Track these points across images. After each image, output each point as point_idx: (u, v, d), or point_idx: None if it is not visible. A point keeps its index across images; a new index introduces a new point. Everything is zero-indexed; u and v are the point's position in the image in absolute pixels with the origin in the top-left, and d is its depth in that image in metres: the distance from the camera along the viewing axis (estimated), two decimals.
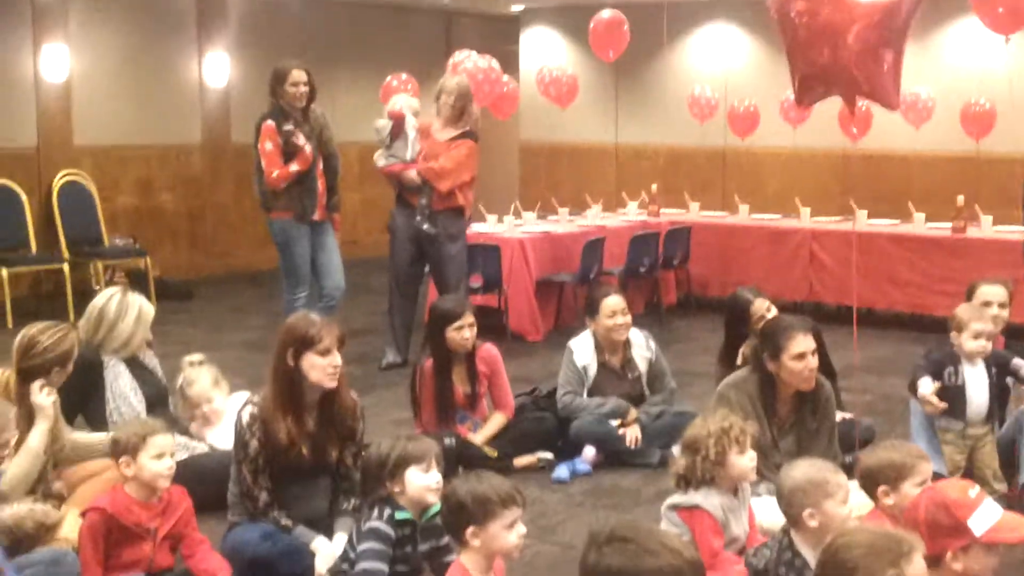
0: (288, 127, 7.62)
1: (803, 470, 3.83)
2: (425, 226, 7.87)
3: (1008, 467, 5.30)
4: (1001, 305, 5.60)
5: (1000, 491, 5.14)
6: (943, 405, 5.18)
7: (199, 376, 5.58)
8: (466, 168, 7.97)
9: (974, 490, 3.23)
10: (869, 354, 8.58)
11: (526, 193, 12.23)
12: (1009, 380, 5.43)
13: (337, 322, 4.70)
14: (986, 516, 3.14)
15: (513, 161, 14.25)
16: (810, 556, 3.61)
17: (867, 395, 7.42)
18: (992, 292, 5.67)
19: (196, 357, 5.71)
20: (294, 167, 7.63)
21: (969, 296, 5.68)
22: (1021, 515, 3.36)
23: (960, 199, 9.52)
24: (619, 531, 2.61)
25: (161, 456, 4.13)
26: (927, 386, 5.21)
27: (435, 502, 3.97)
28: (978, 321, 5.21)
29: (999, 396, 5.31)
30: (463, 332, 5.80)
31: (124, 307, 5.30)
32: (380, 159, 8.08)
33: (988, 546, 3.15)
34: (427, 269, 8.20)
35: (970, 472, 5.20)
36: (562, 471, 5.79)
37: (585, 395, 6.11)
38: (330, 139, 7.96)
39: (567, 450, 5.97)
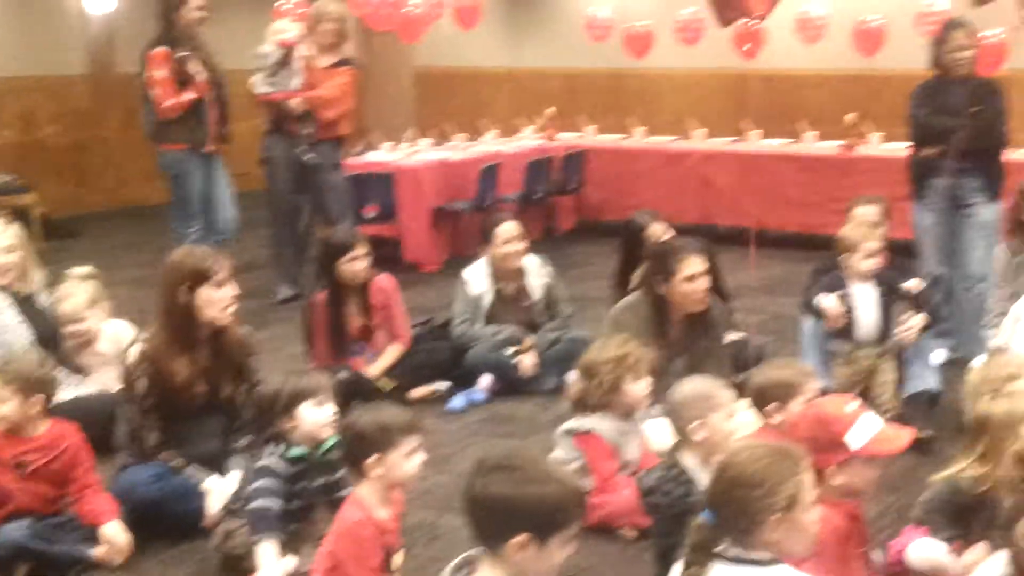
0: (183, 53, 7.38)
1: (691, 385, 3.92)
2: (308, 156, 7.73)
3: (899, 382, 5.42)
4: (875, 224, 5.66)
5: (895, 409, 5.25)
6: (842, 312, 5.27)
7: (74, 292, 5.31)
8: (349, 96, 7.85)
9: (851, 405, 3.29)
10: (763, 274, 8.71)
11: (421, 120, 12.08)
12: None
13: (228, 255, 4.62)
14: (864, 430, 3.20)
15: (407, 87, 14.04)
16: (697, 472, 3.66)
17: (760, 315, 7.53)
18: (866, 212, 5.74)
19: (84, 270, 5.50)
20: (188, 96, 7.41)
21: (849, 217, 5.76)
22: (906, 428, 3.43)
23: (849, 117, 9.64)
24: (504, 460, 2.62)
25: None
26: (830, 300, 5.29)
27: (329, 436, 3.94)
28: (868, 240, 5.29)
29: (887, 315, 5.39)
30: (355, 264, 5.73)
31: None
32: (261, 86, 7.81)
33: (867, 459, 3.21)
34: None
35: (868, 391, 5.31)
36: (458, 401, 5.79)
37: (481, 324, 6.10)
38: (217, 66, 7.75)
39: (463, 379, 5.97)
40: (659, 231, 5.97)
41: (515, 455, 2.65)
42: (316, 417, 3.94)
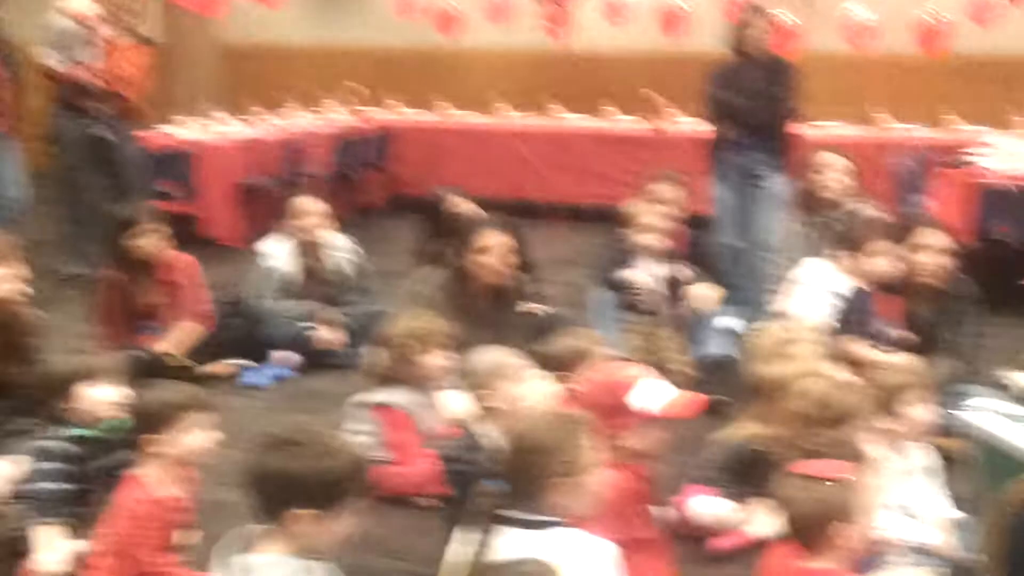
0: None
1: (484, 356, 3.96)
2: (106, 133, 7.47)
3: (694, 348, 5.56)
4: (668, 200, 5.78)
5: (688, 374, 5.40)
6: (648, 285, 5.38)
7: None
8: (145, 73, 7.62)
9: (635, 370, 3.37)
10: (571, 247, 8.82)
11: (227, 96, 11.81)
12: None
13: (14, 234, 4.43)
14: (650, 394, 3.27)
15: (213, 63, 13.70)
16: (491, 440, 3.69)
17: (568, 287, 7.61)
18: (657, 188, 5.88)
19: None
20: None
21: (648, 191, 5.88)
22: (692, 392, 3.52)
23: (654, 96, 9.85)
24: (287, 435, 2.60)
25: None
26: (640, 275, 5.38)
27: (113, 416, 3.81)
28: (648, 216, 5.41)
29: (672, 287, 5.52)
30: (145, 240, 5.56)
31: None
32: (54, 61, 7.51)
33: (655, 422, 3.29)
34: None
35: (660, 358, 5.43)
36: (259, 376, 5.70)
37: (281, 298, 6.00)
38: (10, 40, 7.42)
39: (263, 355, 5.87)
40: (461, 205, 5.99)
41: (297, 429, 2.63)
42: (97, 397, 3.82)
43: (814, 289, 5.29)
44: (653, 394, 3.29)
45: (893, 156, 8.06)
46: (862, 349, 4.86)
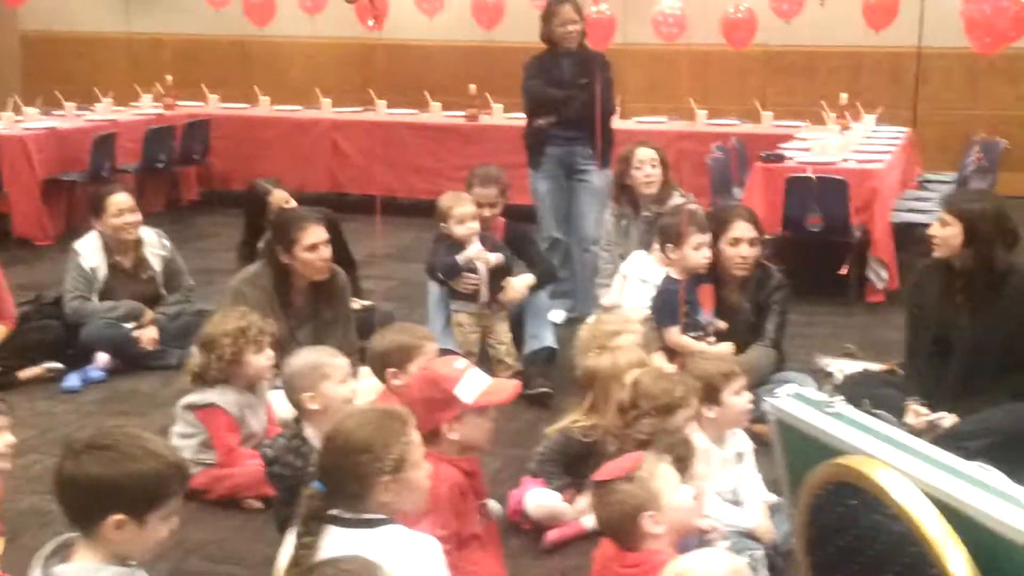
0: None
1: (302, 356, 3.92)
2: None
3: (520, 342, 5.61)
4: (491, 195, 5.78)
5: (515, 367, 5.43)
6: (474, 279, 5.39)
7: None
8: None
9: (460, 363, 3.40)
10: (392, 242, 8.79)
11: (28, 87, 11.32)
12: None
13: None
14: (473, 384, 3.30)
15: (13, 53, 13.13)
16: (316, 440, 3.64)
17: (390, 281, 7.61)
18: (481, 183, 5.87)
19: None
20: None
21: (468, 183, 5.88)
22: (508, 380, 3.54)
23: (472, 88, 9.88)
24: (97, 438, 2.51)
25: None
26: (468, 268, 5.37)
27: None
28: (460, 206, 5.43)
29: (497, 280, 5.54)
30: None
31: None
32: None
33: (479, 413, 3.31)
34: None
35: (486, 351, 5.46)
36: (73, 380, 5.49)
37: (95, 299, 5.79)
38: None
39: (78, 358, 5.65)
40: (281, 198, 5.89)
41: (107, 432, 2.54)
42: None
43: (638, 282, 5.40)
44: (471, 385, 3.31)
45: (709, 149, 8.27)
46: (684, 340, 4.98)
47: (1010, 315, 4.46)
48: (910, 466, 2.17)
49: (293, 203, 5.88)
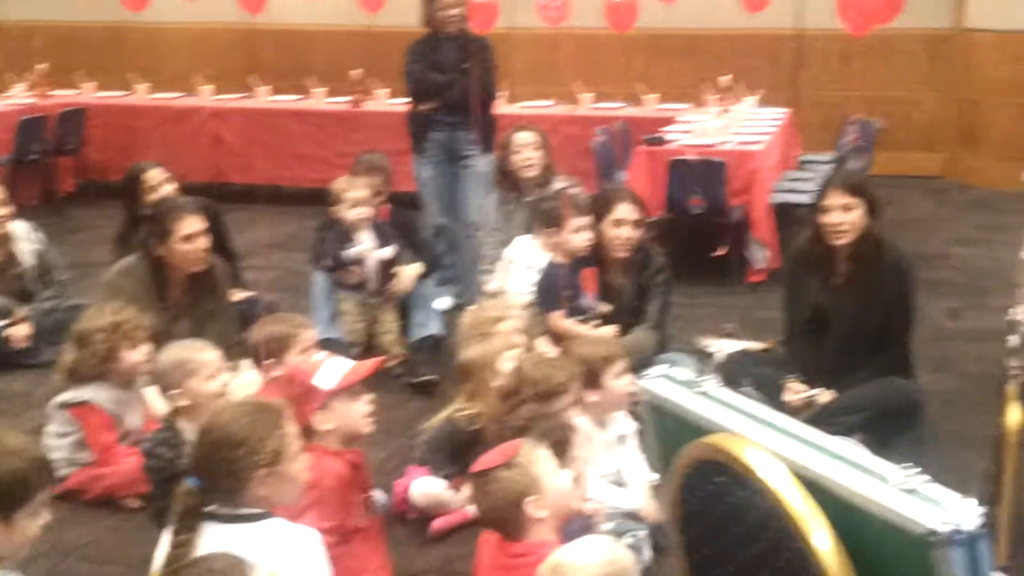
0: None
1: (169, 352, 3.87)
2: None
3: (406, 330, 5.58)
4: (375, 182, 5.75)
5: (400, 355, 5.41)
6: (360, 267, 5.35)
7: None
8: None
9: (320, 356, 3.38)
10: (276, 231, 8.68)
11: None
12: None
13: None
14: (331, 371, 3.29)
15: None
16: (190, 433, 3.58)
17: (274, 271, 7.50)
18: (365, 169, 5.83)
19: None
20: None
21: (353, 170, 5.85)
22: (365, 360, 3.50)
23: (355, 73, 9.79)
24: None
25: None
26: (354, 255, 5.34)
27: None
28: (354, 191, 5.40)
29: (383, 267, 5.51)
30: None
31: None
32: None
33: (349, 396, 3.29)
34: None
35: (373, 339, 5.42)
36: None
37: None
38: None
39: None
40: (155, 177, 5.73)
41: None
42: None
43: (523, 267, 5.40)
44: (330, 372, 3.29)
45: (592, 132, 8.31)
46: (566, 323, 5.00)
47: (886, 291, 4.54)
48: (774, 443, 2.21)
49: (169, 186, 5.74)
